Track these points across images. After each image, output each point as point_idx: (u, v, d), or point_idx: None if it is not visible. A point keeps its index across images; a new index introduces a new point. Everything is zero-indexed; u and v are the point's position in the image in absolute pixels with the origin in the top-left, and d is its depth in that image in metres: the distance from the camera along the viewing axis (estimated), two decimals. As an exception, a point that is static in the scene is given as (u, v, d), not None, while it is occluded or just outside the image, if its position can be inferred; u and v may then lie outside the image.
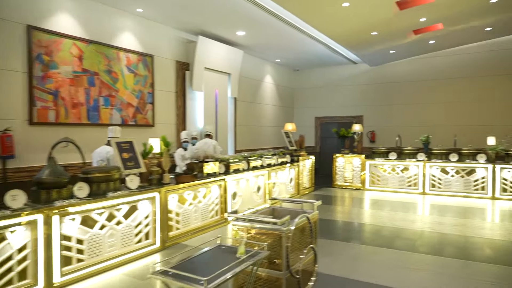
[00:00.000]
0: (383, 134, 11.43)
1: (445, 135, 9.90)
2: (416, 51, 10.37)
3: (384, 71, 11.47)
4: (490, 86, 10.05)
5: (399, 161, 8.94)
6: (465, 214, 6.66)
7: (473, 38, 9.69)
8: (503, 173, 7.88)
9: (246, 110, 10.44)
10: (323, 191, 9.33)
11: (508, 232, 5.45)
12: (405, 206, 7.42)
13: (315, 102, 12.73)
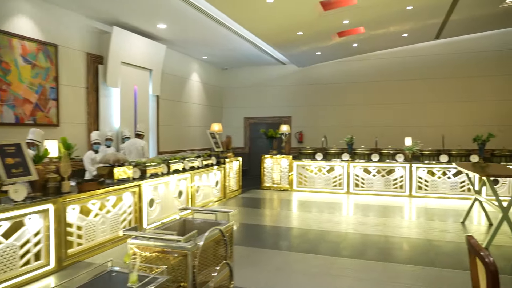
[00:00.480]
0: (310, 135, 11.55)
1: (367, 135, 10.24)
2: (341, 53, 10.61)
3: (311, 72, 11.61)
4: (406, 90, 10.64)
5: (325, 162, 9.02)
6: (385, 213, 6.83)
7: (392, 44, 10.16)
8: (418, 172, 8.30)
9: (170, 109, 9.81)
10: (251, 193, 9.07)
11: (424, 230, 5.63)
12: (330, 207, 7.43)
13: (244, 102, 12.49)
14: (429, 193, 8.23)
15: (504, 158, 7.96)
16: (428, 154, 8.45)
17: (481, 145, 8.12)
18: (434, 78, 10.38)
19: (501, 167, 5.71)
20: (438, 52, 10.29)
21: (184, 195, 6.60)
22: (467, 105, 10.13)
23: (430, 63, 10.39)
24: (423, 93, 10.49)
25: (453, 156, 8.29)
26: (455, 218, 6.36)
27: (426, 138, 9.16)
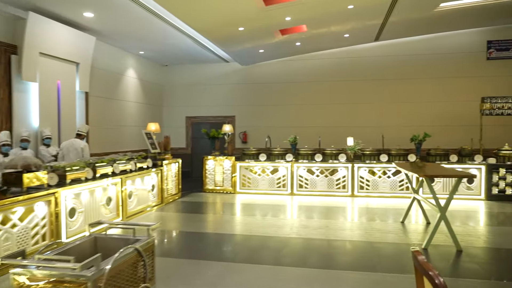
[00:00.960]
0: (255, 135, 11.27)
1: (311, 135, 10.18)
2: (284, 52, 10.46)
3: (255, 71, 11.34)
4: (349, 90, 10.76)
5: (269, 163, 8.77)
6: (328, 214, 6.70)
7: (334, 44, 10.20)
8: (360, 171, 8.34)
9: (102, 107, 8.98)
10: (192, 197, 8.56)
11: (365, 231, 5.53)
12: (274, 210, 7.17)
13: (186, 100, 11.89)
14: (370, 192, 8.30)
15: (439, 157, 8.25)
16: (369, 154, 8.53)
17: (418, 145, 8.36)
18: (375, 80, 10.60)
19: (437, 167, 5.80)
20: (378, 54, 10.52)
21: (114, 202, 5.94)
22: (404, 106, 10.46)
23: (371, 64, 10.59)
24: (365, 93, 10.67)
25: (392, 156, 8.44)
26: (395, 218, 6.38)
27: (368, 138, 9.27)
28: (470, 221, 6.26)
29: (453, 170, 5.13)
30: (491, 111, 8.14)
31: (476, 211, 6.99)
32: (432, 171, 5.00)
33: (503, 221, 6.37)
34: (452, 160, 8.10)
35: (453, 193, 4.61)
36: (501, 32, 9.97)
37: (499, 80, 9.88)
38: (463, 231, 5.44)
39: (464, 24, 9.56)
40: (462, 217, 6.42)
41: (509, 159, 7.96)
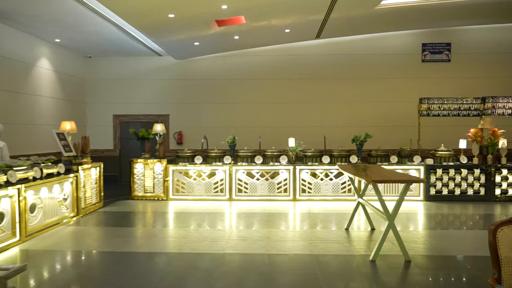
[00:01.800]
0: (191, 135, 10.42)
1: (251, 136, 9.61)
2: (222, 46, 9.77)
3: (191, 66, 10.51)
4: (291, 89, 10.36)
5: (205, 166, 8.01)
6: (269, 222, 6.13)
7: (275, 40, 9.72)
8: (302, 174, 7.92)
9: (6, 102, 7.59)
10: (117, 206, 7.52)
11: (309, 241, 5.03)
12: (210, 218, 6.45)
13: (114, 97, 10.69)
14: (312, 196, 7.91)
15: (380, 158, 8.10)
16: (311, 155, 8.14)
17: (359, 146, 8.13)
18: (317, 78, 10.32)
19: (381, 170, 5.49)
20: (320, 52, 10.25)
21: (8, 219, 4.81)
22: (346, 105, 10.31)
23: (313, 63, 10.29)
24: (307, 92, 10.35)
25: (334, 157, 8.14)
26: (338, 223, 6.00)
27: (310, 138, 8.90)
28: (412, 224, 6.07)
29: (402, 175, 4.81)
30: (428, 112, 8.17)
31: (416, 213, 6.87)
32: (378, 175, 4.63)
33: (444, 224, 6.27)
34: (392, 161, 7.99)
35: (401, 199, 4.24)
36: (434, 35, 10.21)
37: (434, 82, 10.10)
38: (407, 236, 5.16)
39: (403, 25, 9.61)
40: (403, 219, 6.21)
41: (445, 160, 8.03)
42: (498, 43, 10.15)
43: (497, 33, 10.14)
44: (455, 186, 7.81)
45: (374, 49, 10.23)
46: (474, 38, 10.19)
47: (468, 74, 10.12)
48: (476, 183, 7.80)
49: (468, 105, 8.15)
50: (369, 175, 4.61)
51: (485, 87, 9.80)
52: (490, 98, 8.08)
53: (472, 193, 7.79)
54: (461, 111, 8.16)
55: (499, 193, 7.80)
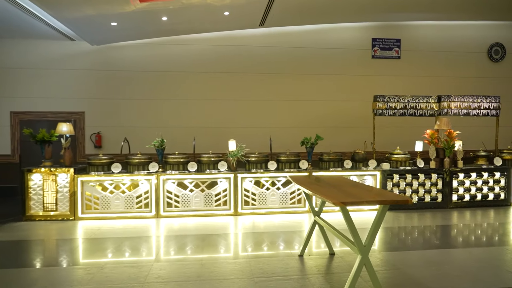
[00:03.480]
0: (113, 137, 8.69)
1: (184, 138, 8.19)
2: (150, 30, 8.21)
3: (113, 54, 8.77)
4: (231, 84, 9.09)
5: (125, 175, 6.43)
6: (204, 247, 4.78)
7: (213, 25, 8.38)
8: (244, 183, 6.67)
9: None
10: (4, 231, 5.67)
11: (254, 279, 3.77)
12: (130, 244, 4.96)
13: (11, 89, 8.58)
14: (257, 208, 6.70)
15: (332, 163, 7.12)
16: (255, 160, 6.93)
17: (310, 149, 7.09)
18: (262, 73, 9.16)
19: (348, 185, 4.40)
20: (265, 43, 9.09)
21: None
22: (295, 104, 9.27)
23: (258, 55, 9.11)
24: (251, 88, 9.15)
25: (282, 162, 7.02)
26: (289, 245, 4.84)
27: (254, 141, 7.73)
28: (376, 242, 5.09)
29: (381, 194, 3.66)
30: (383, 111, 7.36)
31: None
32: (346, 194, 3.49)
33: (407, 241, 5.39)
34: (346, 166, 7.06)
35: (378, 225, 3.15)
36: (384, 30, 9.57)
37: (386, 80, 9.45)
38: (375, 262, 4.13)
39: (352, 16, 8.79)
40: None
41: (401, 164, 7.28)
42: (447, 42, 9.78)
43: (447, 32, 9.77)
44: (412, 193, 7.08)
45: (324, 42, 9.32)
46: (423, 35, 9.72)
47: (418, 73, 9.62)
48: (434, 189, 7.14)
49: (424, 104, 7.48)
50: (334, 193, 3.47)
51: (435, 86, 9.36)
52: (446, 97, 7.49)
53: (430, 200, 7.12)
54: (418, 110, 7.47)
55: (456, 199, 7.22)
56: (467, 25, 9.83)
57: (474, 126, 8.99)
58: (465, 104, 7.52)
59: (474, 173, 7.26)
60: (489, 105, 7.61)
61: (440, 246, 4.94)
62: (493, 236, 5.47)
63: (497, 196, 7.34)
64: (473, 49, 9.93)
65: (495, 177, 7.33)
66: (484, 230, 5.82)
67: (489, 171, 7.31)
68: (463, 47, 9.86)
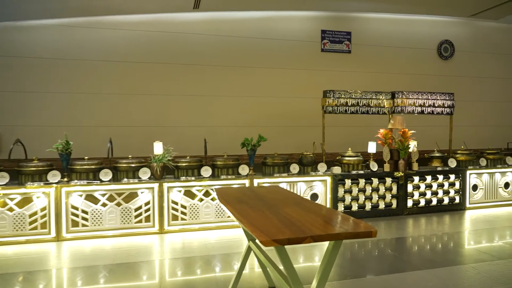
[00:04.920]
0: (10, 138, 7.08)
1: (96, 140, 6.86)
2: (55, 8, 6.75)
3: (9, 37, 7.18)
4: (158, 77, 7.85)
5: (14, 188, 5.01)
6: (115, 285, 3.59)
7: (140, 5, 7.11)
8: (172, 194, 5.51)
9: None
10: None
11: None
12: (23, 280, 3.61)
13: None
14: (188, 224, 5.57)
15: (278, 167, 6.17)
16: (186, 166, 5.79)
17: (251, 152, 6.08)
18: (197, 65, 8.02)
19: (290, 203, 3.42)
20: (201, 31, 7.96)
21: None
22: (234, 100, 8.23)
23: (191, 44, 7.96)
24: (183, 82, 7.97)
25: (218, 168, 5.94)
26: (227, 269, 3.77)
27: (185, 142, 6.61)
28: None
29: (330, 222, 2.75)
30: (334, 108, 6.54)
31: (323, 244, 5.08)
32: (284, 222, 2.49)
33: (363, 264, 4.54)
34: (293, 171, 6.14)
35: (329, 265, 2.17)
36: (334, 22, 8.84)
37: (336, 76, 8.71)
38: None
39: (300, 2, 7.93)
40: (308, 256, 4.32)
41: (353, 167, 6.51)
42: (399, 37, 9.28)
43: (398, 26, 9.26)
44: (365, 200, 6.33)
45: (269, 32, 8.38)
46: (375, 29, 9.13)
47: (369, 69, 9.01)
48: (388, 194, 6.45)
49: (377, 100, 6.77)
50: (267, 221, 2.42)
51: (387, 83, 8.79)
52: (399, 93, 6.84)
53: (384, 207, 6.42)
54: (371, 107, 6.75)
55: (411, 205, 6.59)
56: (419, 21, 9.40)
57: (428, 125, 8.53)
58: (420, 101, 6.92)
59: (429, 176, 6.67)
60: (443, 102, 7.09)
61: (400, 268, 4.13)
62: (455, 251, 4.79)
63: (452, 200, 6.82)
64: (424, 46, 9.53)
65: (450, 180, 6.81)
66: (445, 243, 5.15)
67: (444, 174, 6.77)
68: (415, 43, 9.42)
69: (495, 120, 10.03)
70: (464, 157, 7.13)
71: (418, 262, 4.29)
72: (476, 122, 9.82)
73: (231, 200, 2.98)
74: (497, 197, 7.16)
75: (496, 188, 7.16)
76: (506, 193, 7.21)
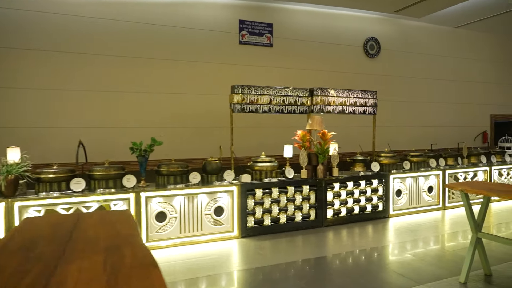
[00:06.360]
0: None
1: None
2: None
3: None
4: (29, 65, 6.46)
5: None
6: None
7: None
8: (27, 215, 4.23)
9: None
10: None
11: None
12: None
13: None
14: (51, 253, 4.31)
15: (174, 177, 5.11)
16: (52, 179, 4.52)
17: (142, 158, 4.97)
18: (83, 53, 6.73)
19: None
20: (98, 14, 6.69)
21: None
22: (139, 97, 7.06)
23: (84, 29, 6.66)
24: (59, 73, 6.64)
25: (96, 180, 4.75)
26: None
27: (53, 147, 5.34)
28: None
29: None
30: (243, 106, 5.63)
31: (228, 265, 4.13)
32: None
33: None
34: (193, 181, 5.13)
35: None
36: (254, 12, 8.00)
37: (256, 72, 7.87)
38: None
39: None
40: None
41: (267, 174, 5.65)
42: (325, 32, 8.69)
43: (324, 20, 8.66)
44: (280, 212, 5.50)
45: (178, 19, 7.33)
46: (299, 22, 8.45)
47: (292, 65, 8.30)
48: (305, 204, 5.68)
49: (294, 98, 5.99)
50: None
51: (312, 81, 8.13)
52: (318, 90, 6.12)
53: (301, 219, 5.65)
54: (286, 106, 5.94)
55: (332, 215, 5.89)
56: (345, 16, 8.89)
57: (352, 125, 7.99)
58: (340, 99, 6.27)
59: (350, 182, 6.03)
60: (365, 101, 6.50)
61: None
62: (375, 278, 4.08)
63: (375, 207, 6.25)
64: (350, 42, 9.05)
65: (372, 186, 6.23)
66: (364, 267, 4.45)
67: (366, 179, 6.17)
68: (341, 39, 8.90)
69: (421, 120, 9.85)
70: (388, 160, 6.61)
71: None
72: (402, 122, 9.55)
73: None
74: (421, 202, 6.74)
75: (420, 192, 6.74)
76: (430, 198, 6.83)
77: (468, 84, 10.59)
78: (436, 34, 10.04)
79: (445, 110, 10.24)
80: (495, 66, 11.07)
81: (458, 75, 10.44)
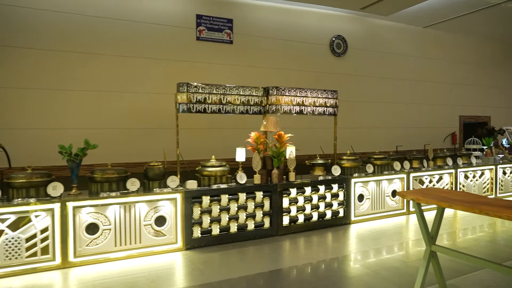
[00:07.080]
0: None
1: None
2: None
3: None
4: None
5: None
6: None
7: None
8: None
9: None
10: None
11: None
12: None
13: None
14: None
15: (108, 184, 4.60)
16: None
17: (73, 164, 4.44)
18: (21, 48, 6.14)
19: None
20: (38, 5, 6.10)
21: None
22: (85, 95, 6.50)
23: (13, 20, 6.06)
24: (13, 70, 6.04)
25: (14, 188, 4.20)
26: None
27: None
28: None
29: None
30: (189, 106, 5.18)
31: (171, 282, 3.67)
32: None
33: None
34: (131, 188, 4.64)
35: None
36: (212, 6, 7.56)
37: (213, 70, 7.43)
38: None
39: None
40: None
41: (216, 180, 5.21)
42: (290, 29, 8.34)
43: (288, 17, 8.30)
44: (229, 220, 5.07)
45: (128, 12, 6.81)
46: (262, 18, 8.06)
47: (254, 63, 7.91)
48: (259, 212, 5.28)
49: (246, 97, 5.57)
50: None
51: (275, 80, 7.76)
52: (274, 89, 5.73)
53: (254, 228, 5.24)
54: (238, 106, 5.52)
55: (288, 223, 5.51)
56: (310, 13, 8.56)
57: (315, 127, 7.65)
58: (298, 99, 5.89)
59: (308, 187, 5.66)
60: (325, 101, 6.16)
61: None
62: None
63: (336, 213, 5.91)
64: (316, 41, 8.72)
65: (333, 191, 5.88)
66: (321, 282, 4.07)
67: (326, 184, 5.82)
68: (306, 37, 8.56)
69: (388, 121, 9.62)
70: (350, 163, 6.28)
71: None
72: (369, 123, 9.29)
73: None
74: (384, 207, 6.44)
75: (383, 197, 6.44)
76: (394, 202, 6.54)
77: (437, 85, 10.45)
78: (404, 33, 9.85)
79: (413, 110, 10.06)
80: (464, 66, 10.98)
81: (426, 75, 10.28)
